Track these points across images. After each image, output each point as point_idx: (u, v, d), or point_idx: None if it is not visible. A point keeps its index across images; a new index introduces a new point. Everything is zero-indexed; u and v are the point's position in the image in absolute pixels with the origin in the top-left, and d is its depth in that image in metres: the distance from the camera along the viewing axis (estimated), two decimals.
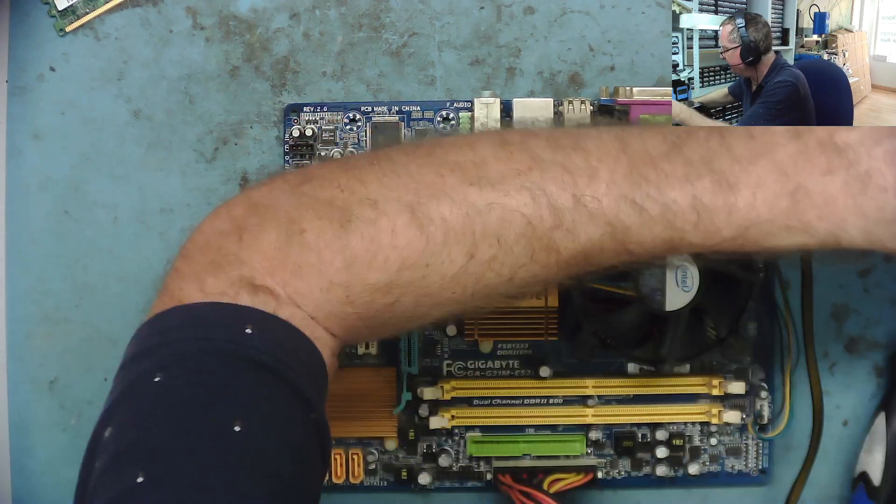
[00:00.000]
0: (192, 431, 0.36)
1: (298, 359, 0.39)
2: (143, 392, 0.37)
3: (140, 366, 0.38)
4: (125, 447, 0.36)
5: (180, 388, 0.37)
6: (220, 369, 0.38)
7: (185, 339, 0.39)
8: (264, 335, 0.39)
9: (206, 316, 0.39)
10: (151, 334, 0.40)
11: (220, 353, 0.38)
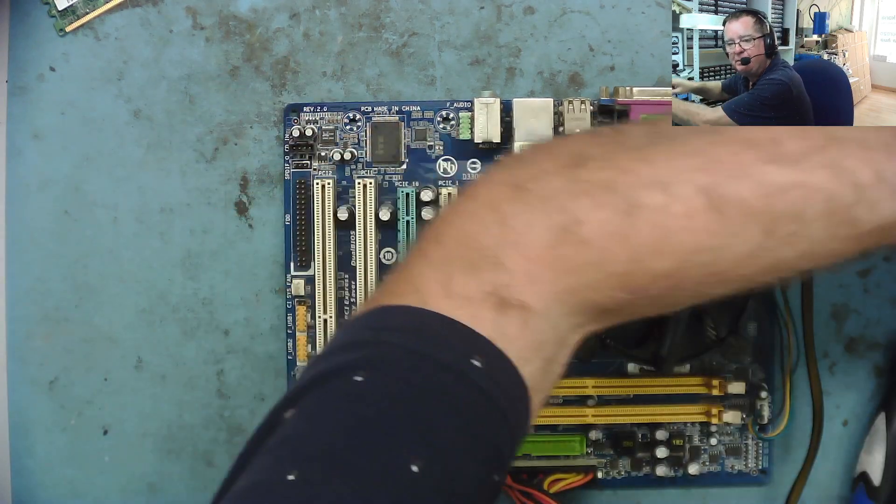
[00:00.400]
0: (367, 451, 0.33)
1: (515, 409, 0.36)
2: (339, 387, 0.35)
3: (343, 356, 0.35)
4: (294, 437, 0.34)
5: (377, 398, 0.34)
6: (429, 395, 0.34)
7: (401, 346, 0.35)
8: (490, 373, 0.35)
9: (434, 328, 0.35)
10: (367, 327, 0.36)
11: (436, 377, 0.34)
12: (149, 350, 0.55)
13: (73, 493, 0.55)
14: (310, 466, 0.33)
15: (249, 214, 0.55)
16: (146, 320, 0.55)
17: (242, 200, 0.55)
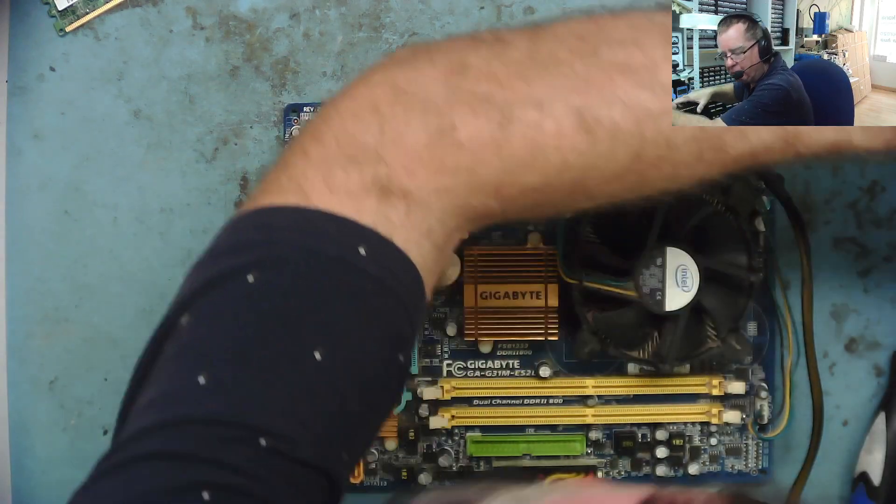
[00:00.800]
0: (270, 346, 0.35)
1: (406, 289, 0.37)
2: (232, 288, 0.36)
3: (234, 258, 0.36)
4: (197, 341, 0.35)
5: (274, 295, 0.35)
6: (322, 286, 0.36)
7: (289, 243, 0.36)
8: (377, 259, 0.36)
9: (319, 225, 0.36)
10: (255, 227, 0.37)
11: (326, 269, 0.36)
12: None
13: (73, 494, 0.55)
14: (218, 368, 0.34)
15: None
16: (146, 320, 0.55)
17: (243, 200, 0.55)
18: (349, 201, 0.37)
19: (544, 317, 0.53)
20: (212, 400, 0.33)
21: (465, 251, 0.53)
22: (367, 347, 0.36)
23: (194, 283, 0.37)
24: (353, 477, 0.55)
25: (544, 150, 0.37)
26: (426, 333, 0.54)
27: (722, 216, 0.51)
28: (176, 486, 0.32)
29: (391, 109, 0.38)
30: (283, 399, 0.34)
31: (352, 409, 0.36)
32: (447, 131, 0.37)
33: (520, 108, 0.37)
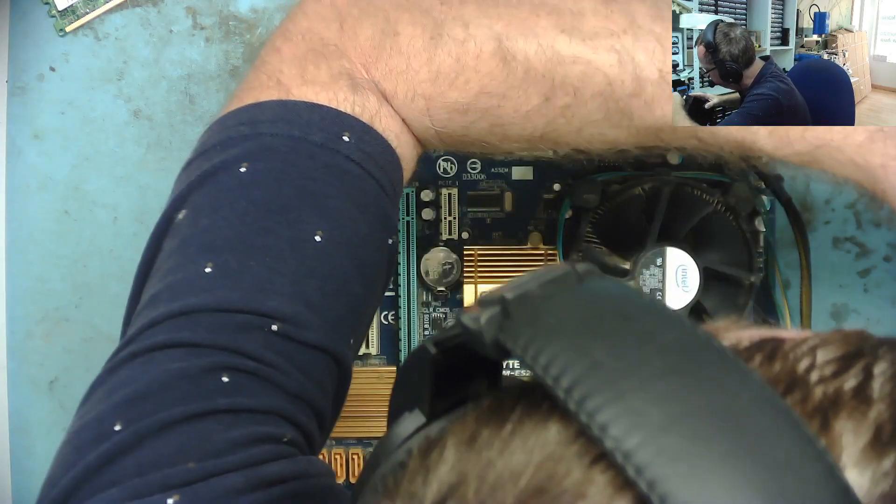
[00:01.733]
0: (270, 231, 0.36)
1: (389, 177, 0.40)
2: (226, 180, 0.37)
3: (225, 153, 0.38)
4: (198, 232, 0.36)
5: (267, 183, 0.37)
6: (312, 172, 0.38)
7: (277, 135, 0.38)
8: (361, 145, 0.39)
9: (303, 115, 0.39)
10: (241, 123, 0.39)
11: (314, 156, 0.38)
12: None
13: None
14: (223, 256, 0.35)
15: None
16: None
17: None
18: (325, 91, 0.39)
19: None
20: (220, 287, 0.35)
21: (465, 251, 0.53)
22: (360, 229, 0.38)
23: (188, 180, 0.38)
24: (354, 477, 0.55)
25: (465, 69, 0.39)
26: (426, 333, 0.54)
27: (722, 216, 0.51)
28: (195, 371, 0.33)
29: (349, 9, 0.40)
30: (290, 283, 0.35)
31: (354, 289, 0.37)
32: (390, 35, 0.40)
33: (450, 25, 0.40)
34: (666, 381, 0.21)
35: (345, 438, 0.55)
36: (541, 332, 0.23)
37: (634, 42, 0.39)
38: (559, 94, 0.39)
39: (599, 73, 0.39)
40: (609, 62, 0.39)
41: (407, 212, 0.53)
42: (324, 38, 0.40)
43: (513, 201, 0.54)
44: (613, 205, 0.51)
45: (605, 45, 0.39)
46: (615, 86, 0.39)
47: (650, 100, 0.39)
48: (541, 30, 0.39)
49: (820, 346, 0.24)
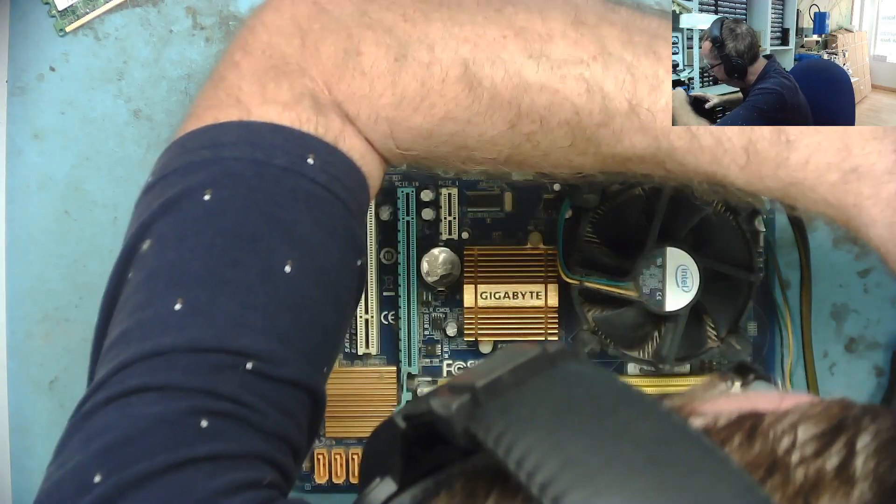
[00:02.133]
0: (240, 263, 0.35)
1: (355, 198, 0.38)
2: (190, 208, 0.36)
3: (187, 179, 0.36)
4: (165, 266, 0.35)
5: (233, 211, 0.36)
6: (278, 198, 0.36)
7: (240, 158, 0.37)
8: (326, 167, 0.37)
9: (266, 137, 0.37)
10: (202, 146, 0.38)
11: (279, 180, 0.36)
12: None
13: None
14: (192, 291, 0.34)
15: None
16: None
17: None
18: (287, 112, 0.38)
19: (544, 317, 0.53)
20: (192, 325, 0.34)
21: (465, 251, 0.53)
22: (330, 254, 0.37)
23: (150, 207, 0.37)
24: (353, 477, 0.55)
25: (430, 94, 0.38)
26: (426, 333, 0.54)
27: (722, 216, 0.51)
28: (173, 415, 0.33)
29: (310, 24, 0.39)
30: (262, 317, 0.34)
31: (326, 318, 0.37)
32: (353, 55, 0.39)
33: (415, 46, 0.38)
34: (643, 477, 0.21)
35: (345, 438, 0.55)
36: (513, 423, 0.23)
37: (604, 71, 0.38)
38: (525, 122, 0.39)
39: (567, 102, 0.38)
40: (577, 91, 0.38)
41: (407, 212, 0.53)
42: (285, 54, 0.39)
43: (513, 201, 0.54)
44: (613, 205, 0.51)
45: (573, 73, 0.38)
46: (582, 115, 0.38)
47: (618, 130, 0.38)
48: (508, 55, 0.38)
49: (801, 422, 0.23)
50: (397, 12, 0.39)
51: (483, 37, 0.38)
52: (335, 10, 0.39)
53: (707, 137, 0.37)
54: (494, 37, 0.38)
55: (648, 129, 0.38)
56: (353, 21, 0.39)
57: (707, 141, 0.37)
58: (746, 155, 0.37)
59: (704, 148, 0.38)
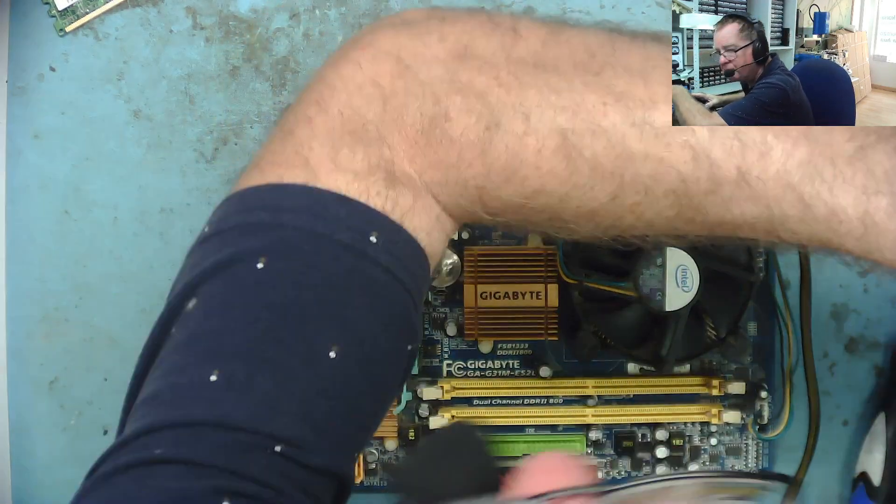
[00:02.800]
0: (283, 343, 0.33)
1: (416, 279, 0.37)
2: (242, 274, 0.34)
3: (243, 241, 0.35)
4: (207, 333, 0.34)
5: (284, 285, 0.34)
6: (334, 277, 0.35)
7: (300, 228, 0.35)
8: (388, 247, 0.35)
9: (330, 208, 0.35)
10: (263, 207, 0.36)
11: (338, 258, 0.35)
12: None
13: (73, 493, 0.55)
14: (230, 365, 0.33)
15: None
16: (146, 320, 0.54)
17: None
18: (357, 182, 0.36)
19: (544, 317, 0.53)
20: (225, 400, 0.33)
21: (466, 251, 0.53)
22: (380, 343, 0.36)
23: (202, 264, 0.35)
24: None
25: (524, 165, 0.36)
26: (426, 333, 0.54)
27: None
28: (195, 493, 0.31)
29: (393, 86, 0.37)
30: (298, 402, 0.33)
31: (365, 408, 0.35)
32: (441, 122, 0.36)
33: (508, 115, 0.36)
34: None
35: None
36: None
37: (710, 137, 0.36)
38: (629, 193, 0.36)
39: (673, 170, 0.36)
40: (683, 159, 0.36)
41: None
42: (364, 118, 0.37)
43: None
44: None
45: (678, 140, 0.36)
46: (689, 183, 0.36)
47: (727, 198, 0.36)
48: (609, 124, 0.36)
49: None
50: (490, 75, 0.37)
51: (582, 105, 0.36)
52: (421, 71, 0.37)
53: (821, 207, 0.35)
54: (594, 104, 0.36)
55: (759, 198, 0.36)
56: (440, 84, 0.37)
57: (821, 211, 0.35)
58: (863, 227, 0.35)
59: (819, 218, 0.36)
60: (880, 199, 0.35)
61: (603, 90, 0.36)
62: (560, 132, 0.36)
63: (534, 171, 0.36)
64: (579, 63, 0.37)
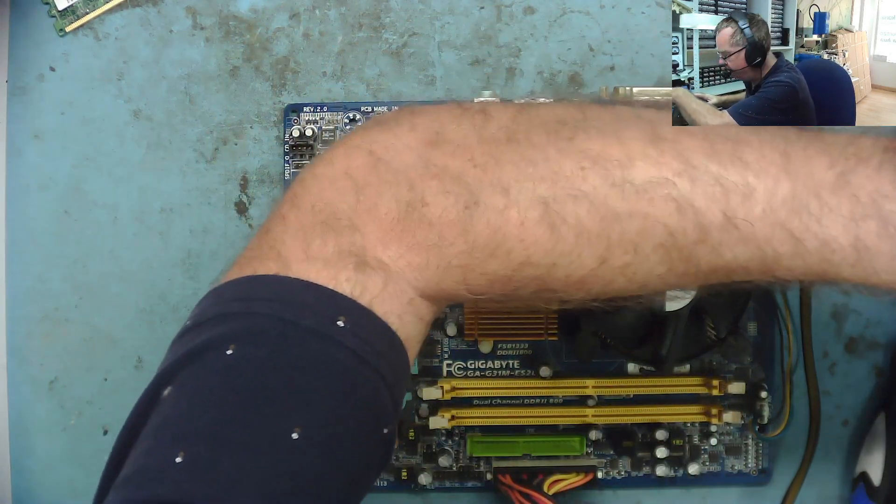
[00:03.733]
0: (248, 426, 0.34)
1: (387, 361, 0.37)
2: (212, 361, 0.35)
3: (215, 330, 0.36)
4: (176, 417, 0.35)
5: (250, 370, 0.35)
6: (299, 361, 0.35)
7: (268, 315, 0.36)
8: (356, 331, 0.36)
9: (298, 295, 0.36)
10: (236, 298, 0.37)
11: (303, 342, 0.35)
12: (149, 350, 0.55)
13: (73, 493, 0.56)
14: (195, 446, 0.33)
15: (249, 214, 0.55)
16: (146, 320, 0.55)
17: (242, 200, 0.55)
18: (326, 270, 0.36)
19: (544, 317, 0.53)
20: (188, 481, 0.33)
21: None
22: (346, 424, 0.36)
23: (177, 354, 0.36)
24: None
25: (507, 239, 0.36)
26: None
27: None
28: None
29: (366, 177, 0.37)
30: (260, 481, 0.33)
31: (331, 489, 0.35)
32: (417, 206, 0.37)
33: (487, 192, 0.36)
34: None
35: None
36: None
37: (692, 186, 0.36)
38: (617, 254, 0.36)
39: (658, 224, 0.36)
40: (667, 212, 0.36)
41: None
42: (336, 210, 0.37)
43: None
44: None
45: (660, 194, 0.36)
46: (677, 236, 0.36)
47: (717, 244, 0.36)
48: (589, 187, 0.36)
49: None
50: (464, 157, 0.37)
51: (560, 172, 0.36)
52: (394, 161, 0.38)
53: (812, 241, 0.35)
54: (572, 170, 0.36)
55: (749, 239, 0.36)
56: (414, 171, 0.37)
57: (813, 244, 0.36)
58: (856, 252, 0.35)
59: (811, 251, 0.36)
60: (869, 223, 0.35)
61: (579, 155, 0.36)
62: (541, 202, 0.36)
63: (518, 244, 0.36)
64: (551, 132, 0.37)
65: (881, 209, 0.35)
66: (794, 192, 0.35)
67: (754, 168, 0.36)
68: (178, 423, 0.34)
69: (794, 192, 0.35)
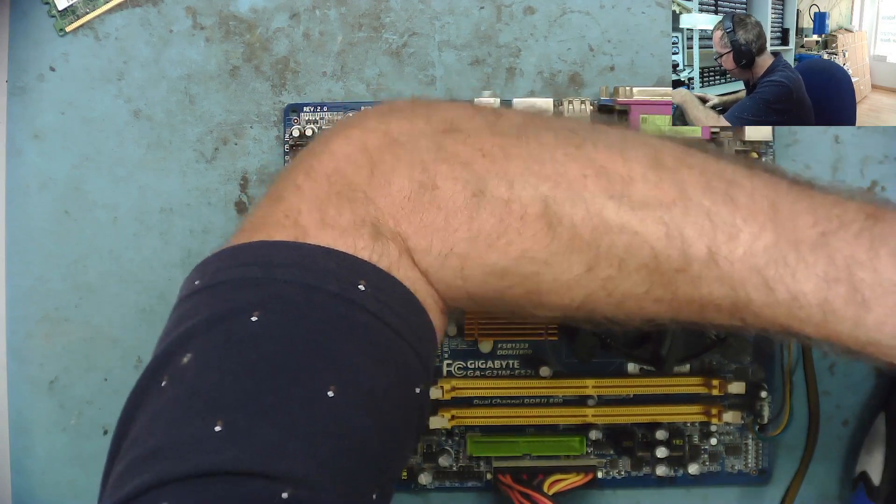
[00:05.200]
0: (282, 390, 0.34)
1: (409, 324, 0.38)
2: (236, 329, 0.35)
3: (236, 296, 0.36)
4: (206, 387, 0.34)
5: (279, 337, 0.35)
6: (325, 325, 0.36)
7: (291, 282, 0.36)
8: (378, 294, 0.37)
9: (319, 261, 0.37)
10: (254, 263, 0.37)
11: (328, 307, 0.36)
12: (149, 350, 0.54)
13: (73, 493, 0.56)
14: (231, 416, 0.34)
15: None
16: (146, 320, 0.55)
17: (242, 200, 0.55)
18: (343, 238, 0.37)
19: None
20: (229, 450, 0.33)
21: None
22: (378, 382, 0.36)
23: (195, 317, 0.36)
24: None
25: (508, 230, 0.38)
26: None
27: None
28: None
29: (381, 155, 0.39)
30: (302, 442, 0.34)
31: (372, 445, 0.36)
32: (428, 188, 0.38)
33: (493, 182, 0.38)
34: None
35: None
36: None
37: (684, 216, 0.37)
38: (603, 265, 0.38)
39: (646, 244, 0.37)
40: (656, 235, 0.37)
41: None
42: (352, 182, 0.38)
43: None
44: None
45: (653, 216, 0.37)
46: (661, 259, 0.37)
47: (696, 277, 0.37)
48: (589, 194, 0.37)
49: None
50: (475, 147, 0.38)
51: (564, 175, 0.38)
52: (409, 143, 0.39)
53: (783, 292, 0.37)
54: (575, 175, 0.38)
55: (726, 279, 0.37)
56: (428, 154, 0.38)
57: (783, 296, 0.37)
58: (822, 313, 0.36)
59: (780, 302, 0.37)
60: (839, 287, 0.36)
61: (584, 162, 0.38)
62: (542, 200, 0.38)
63: (517, 236, 0.38)
64: (561, 137, 0.39)
65: (853, 275, 0.36)
66: (777, 241, 0.37)
67: (743, 212, 0.37)
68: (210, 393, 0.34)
69: (776, 242, 0.37)
